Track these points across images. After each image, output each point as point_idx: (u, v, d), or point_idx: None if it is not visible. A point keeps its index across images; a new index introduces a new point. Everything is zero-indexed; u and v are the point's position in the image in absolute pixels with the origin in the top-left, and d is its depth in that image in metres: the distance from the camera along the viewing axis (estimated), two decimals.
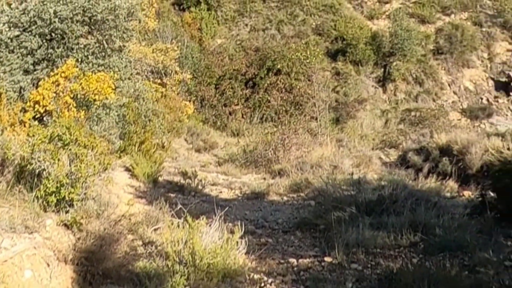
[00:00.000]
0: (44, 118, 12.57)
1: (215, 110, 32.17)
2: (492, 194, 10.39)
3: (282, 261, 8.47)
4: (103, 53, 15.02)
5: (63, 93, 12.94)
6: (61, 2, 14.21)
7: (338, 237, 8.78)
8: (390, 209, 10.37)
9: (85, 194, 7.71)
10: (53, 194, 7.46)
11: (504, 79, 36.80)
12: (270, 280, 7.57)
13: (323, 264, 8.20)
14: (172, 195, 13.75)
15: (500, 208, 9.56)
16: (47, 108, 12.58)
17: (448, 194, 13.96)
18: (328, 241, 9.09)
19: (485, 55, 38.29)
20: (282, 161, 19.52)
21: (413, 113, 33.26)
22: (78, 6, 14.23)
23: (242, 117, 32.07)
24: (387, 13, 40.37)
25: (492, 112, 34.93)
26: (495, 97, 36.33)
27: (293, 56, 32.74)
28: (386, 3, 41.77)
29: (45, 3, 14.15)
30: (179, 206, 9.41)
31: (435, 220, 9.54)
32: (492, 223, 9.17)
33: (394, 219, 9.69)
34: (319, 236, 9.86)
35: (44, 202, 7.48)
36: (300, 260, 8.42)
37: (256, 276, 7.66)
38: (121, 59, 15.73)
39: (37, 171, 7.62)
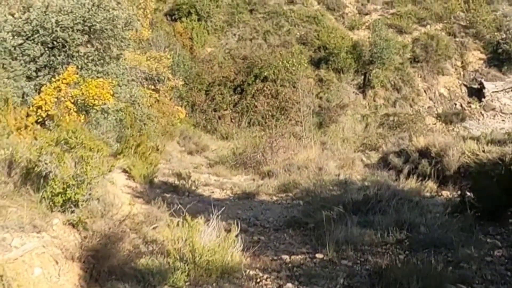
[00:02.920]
0: (46, 122, 12.51)
1: (206, 115, 32.17)
2: (469, 194, 10.38)
3: (275, 257, 8.43)
4: (102, 61, 14.99)
5: (64, 98, 12.89)
6: (62, 12, 14.18)
7: (328, 235, 8.74)
8: (376, 208, 10.36)
9: (90, 195, 7.63)
10: (60, 195, 7.37)
11: (476, 86, 36.94)
12: (265, 276, 7.52)
13: (314, 260, 8.15)
14: (167, 195, 13.70)
15: (479, 207, 9.55)
16: (49, 113, 12.53)
17: (428, 194, 13.97)
18: (318, 239, 9.06)
19: (459, 63, 38.41)
20: (270, 163, 19.52)
21: (391, 118, 33.33)
22: (79, 16, 14.20)
23: (231, 121, 32.07)
24: (367, 24, 40.47)
25: (465, 117, 35.07)
26: (468, 102, 36.46)
27: (279, 64, 32.75)
28: (366, 14, 41.89)
29: (47, 13, 14.12)
30: (177, 206, 9.38)
31: (419, 218, 9.53)
32: (472, 221, 9.16)
33: (380, 218, 9.67)
34: (309, 234, 9.82)
35: (51, 202, 7.40)
36: (293, 257, 8.38)
37: (252, 272, 7.61)
38: (119, 66, 15.70)
39: (44, 173, 7.53)
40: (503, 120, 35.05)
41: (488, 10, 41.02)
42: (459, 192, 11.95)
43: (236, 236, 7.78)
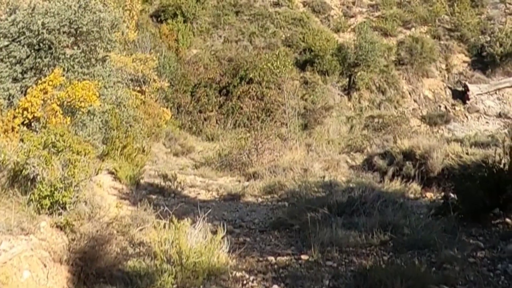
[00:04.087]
0: (32, 124, 12.48)
1: (191, 116, 32.17)
2: (453, 195, 10.48)
3: (261, 259, 8.43)
4: (88, 63, 14.92)
5: (50, 100, 12.85)
6: (48, 14, 14.12)
7: (313, 236, 8.76)
8: (360, 210, 10.40)
9: (77, 197, 7.66)
10: (47, 198, 7.40)
11: (460, 88, 37.19)
12: (251, 278, 7.54)
13: (300, 262, 8.17)
14: (153, 196, 13.74)
15: (462, 209, 9.64)
16: (35, 115, 12.48)
17: (412, 196, 14.06)
18: (304, 240, 9.09)
19: (443, 66, 38.65)
20: (255, 164, 19.54)
21: (376, 120, 33.43)
22: (65, 18, 14.14)
23: (216, 122, 32.10)
24: (352, 27, 40.57)
25: (449, 119, 35.29)
26: (452, 105, 36.67)
27: (264, 66, 32.83)
28: (351, 17, 42.03)
29: (33, 15, 14.06)
30: (163, 207, 9.42)
31: (403, 220, 9.57)
32: (456, 223, 9.23)
33: (365, 220, 9.70)
34: (294, 235, 9.85)
35: (38, 205, 7.42)
36: (278, 258, 8.38)
37: (238, 274, 7.62)
38: (105, 68, 15.66)
39: (31, 175, 7.55)
40: (487, 122, 35.30)
41: (473, 13, 41.32)
42: (442, 194, 12.07)
43: (222, 237, 7.83)
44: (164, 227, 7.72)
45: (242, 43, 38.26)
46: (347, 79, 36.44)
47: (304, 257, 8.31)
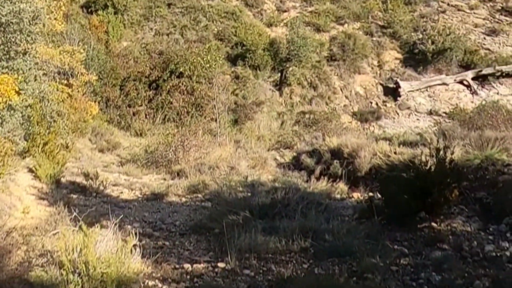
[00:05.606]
0: None
1: (120, 111, 31.72)
2: (379, 196, 10.38)
3: (177, 266, 8.20)
4: (7, 56, 14.53)
5: None
6: None
7: (232, 242, 8.56)
8: (283, 212, 10.27)
9: None
10: None
11: (392, 85, 37.48)
12: (164, 287, 7.32)
13: (216, 270, 7.96)
14: (74, 196, 13.44)
15: (387, 212, 9.54)
16: None
17: (338, 196, 14.01)
18: (222, 246, 8.83)
19: (375, 62, 38.93)
20: (181, 162, 19.38)
21: (307, 116, 33.50)
22: None
23: (146, 117, 31.70)
24: (285, 21, 40.52)
25: (380, 115, 35.55)
26: (384, 101, 36.95)
27: (195, 60, 32.56)
28: (284, 11, 42.00)
29: None
30: (82, 208, 9.12)
31: (325, 225, 9.42)
32: (380, 228, 9.14)
33: (286, 224, 9.54)
34: (213, 240, 9.62)
35: None
36: (195, 266, 8.17)
37: (150, 283, 7.40)
38: (26, 61, 15.24)
39: None
40: (418, 119, 35.70)
41: (406, 11, 41.79)
42: (367, 196, 11.97)
43: (134, 245, 7.54)
44: (74, 233, 7.41)
45: (174, 36, 37.89)
46: (279, 74, 36.36)
47: (220, 264, 8.11)
